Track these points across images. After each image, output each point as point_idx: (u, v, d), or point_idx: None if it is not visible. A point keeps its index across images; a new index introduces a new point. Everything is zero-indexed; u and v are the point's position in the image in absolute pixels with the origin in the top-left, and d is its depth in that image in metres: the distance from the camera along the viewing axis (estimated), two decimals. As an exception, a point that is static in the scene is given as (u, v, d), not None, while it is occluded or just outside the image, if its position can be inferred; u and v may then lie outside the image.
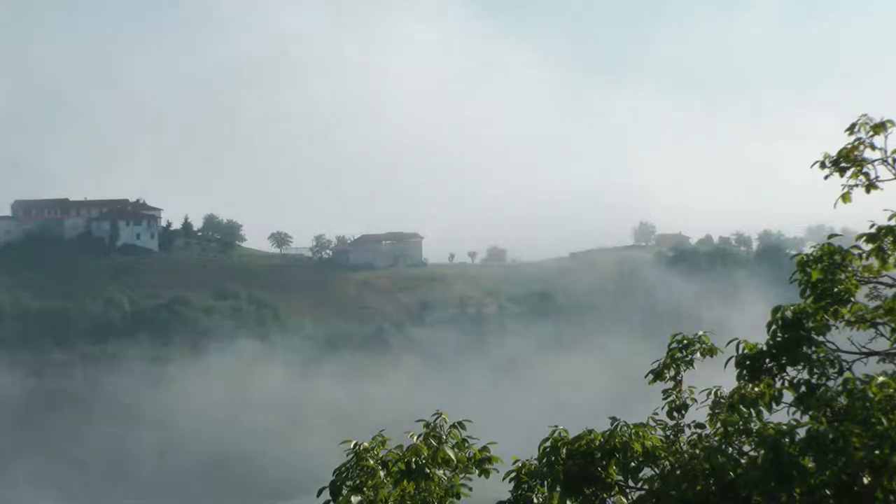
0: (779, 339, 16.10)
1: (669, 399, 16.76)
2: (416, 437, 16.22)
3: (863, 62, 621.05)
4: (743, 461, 14.19)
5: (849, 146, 16.76)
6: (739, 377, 16.18)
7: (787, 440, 13.64)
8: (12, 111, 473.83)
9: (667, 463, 15.45)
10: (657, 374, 16.95)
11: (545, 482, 15.67)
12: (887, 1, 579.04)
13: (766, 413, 15.59)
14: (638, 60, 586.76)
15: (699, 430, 16.07)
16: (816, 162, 16.90)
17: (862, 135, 16.67)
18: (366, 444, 16.20)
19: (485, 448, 16.61)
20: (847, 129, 16.73)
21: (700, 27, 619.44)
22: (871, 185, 16.81)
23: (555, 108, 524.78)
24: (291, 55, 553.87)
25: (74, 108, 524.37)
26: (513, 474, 15.94)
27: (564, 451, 15.61)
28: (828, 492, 13.46)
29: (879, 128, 16.60)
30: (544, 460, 15.68)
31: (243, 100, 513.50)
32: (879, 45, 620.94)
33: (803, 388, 15.74)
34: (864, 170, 16.78)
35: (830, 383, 15.57)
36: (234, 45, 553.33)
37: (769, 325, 16.24)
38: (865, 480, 13.40)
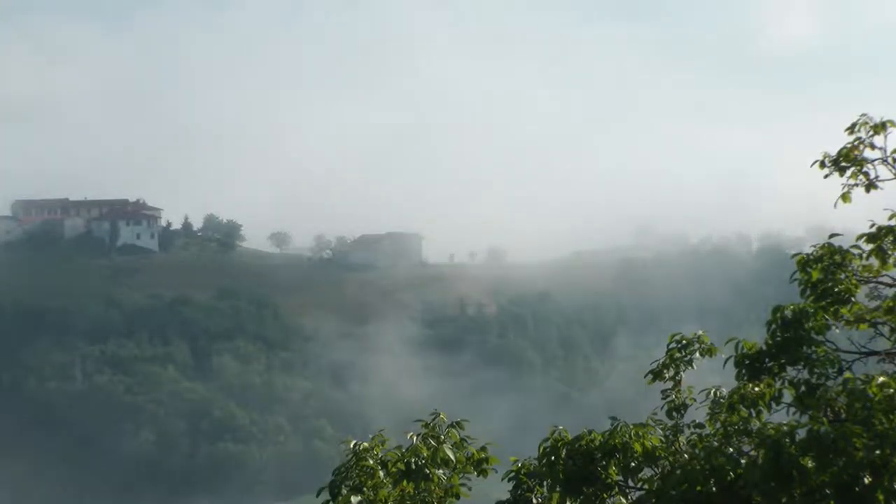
0: (778, 338, 16.07)
1: (668, 399, 16.74)
2: (415, 438, 16.20)
3: (862, 62, 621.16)
4: (743, 461, 14.16)
5: (849, 146, 16.73)
6: (739, 377, 16.15)
7: (787, 440, 13.59)
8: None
9: (666, 463, 15.42)
10: (656, 374, 16.93)
11: (545, 482, 15.63)
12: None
13: (766, 413, 15.55)
14: (640, 61, 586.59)
15: (699, 431, 16.05)
16: (816, 161, 16.88)
17: (862, 134, 16.64)
18: (365, 443, 16.18)
19: (483, 448, 16.58)
20: (847, 129, 16.70)
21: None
22: (871, 185, 16.78)
23: (554, 109, 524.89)
24: (289, 54, 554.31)
25: (70, 108, 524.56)
26: (512, 474, 15.90)
27: (564, 451, 15.58)
28: (828, 492, 13.42)
29: (879, 128, 16.57)
30: (544, 460, 15.64)
31: (243, 100, 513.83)
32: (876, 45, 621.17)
33: (803, 388, 15.71)
34: (864, 169, 16.75)
35: (830, 383, 15.54)
36: (227, 41, 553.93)
37: (769, 325, 16.21)
38: (866, 481, 13.36)
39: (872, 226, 16.57)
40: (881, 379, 14.25)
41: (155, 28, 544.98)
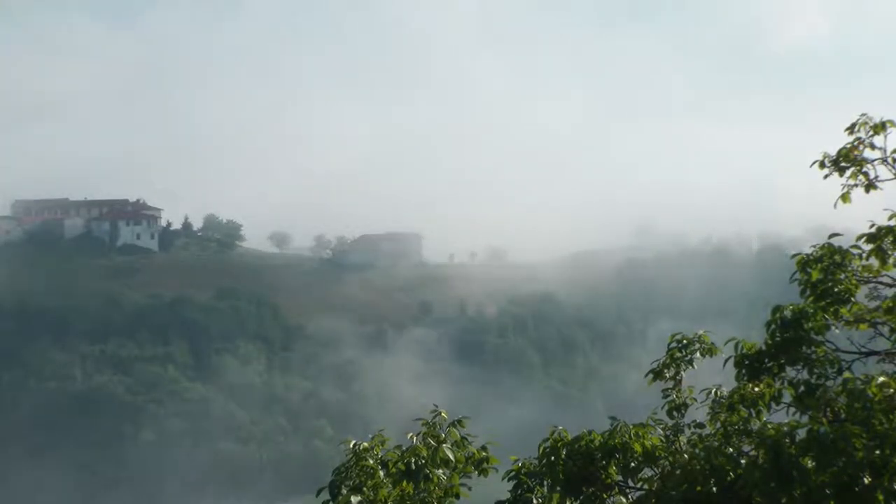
0: (778, 338, 16.08)
1: (669, 399, 16.75)
2: (415, 438, 16.19)
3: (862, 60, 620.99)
4: (743, 461, 14.16)
5: (848, 146, 16.73)
6: (739, 377, 16.16)
7: (787, 440, 13.60)
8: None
9: (666, 463, 15.42)
10: (657, 374, 16.94)
11: (545, 482, 15.63)
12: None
13: (765, 413, 15.56)
14: (639, 59, 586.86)
15: (699, 430, 16.05)
16: (816, 161, 16.88)
17: (862, 134, 16.64)
18: (365, 443, 16.18)
19: (483, 447, 16.58)
20: (847, 129, 16.70)
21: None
22: (870, 185, 16.77)
23: (554, 109, 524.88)
24: (289, 55, 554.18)
25: (70, 108, 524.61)
26: (512, 474, 15.89)
27: (564, 451, 15.58)
28: (828, 492, 13.42)
29: (879, 128, 16.56)
30: (544, 460, 15.64)
31: (243, 100, 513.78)
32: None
33: (802, 388, 15.72)
34: (864, 169, 16.74)
35: (830, 383, 15.54)
36: (227, 42, 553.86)
37: (769, 325, 16.22)
38: (866, 481, 13.35)
39: (872, 226, 16.57)
40: (881, 379, 14.24)
41: (156, 28, 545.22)
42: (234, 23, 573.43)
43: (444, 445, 16.13)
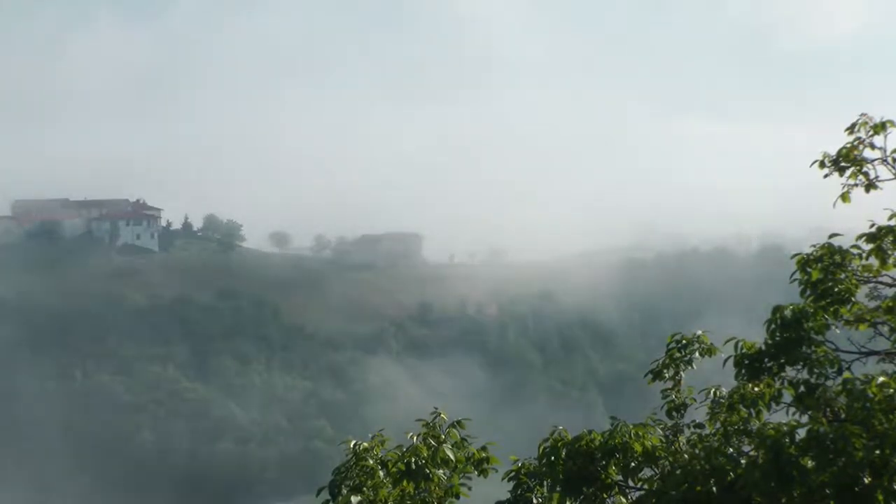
0: (778, 338, 16.06)
1: (668, 399, 16.74)
2: (415, 438, 16.19)
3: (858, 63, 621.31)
4: (743, 461, 14.15)
5: (848, 146, 16.71)
6: (738, 377, 16.15)
7: (787, 440, 13.59)
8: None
9: (666, 463, 15.41)
10: (656, 374, 16.93)
11: (545, 482, 15.62)
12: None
13: (765, 413, 15.55)
14: (639, 58, 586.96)
15: (699, 431, 16.04)
16: (816, 161, 16.87)
17: (861, 134, 16.62)
18: (365, 443, 16.17)
19: (483, 448, 16.57)
20: (847, 129, 16.68)
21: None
22: (870, 185, 16.76)
23: (554, 109, 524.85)
24: (288, 55, 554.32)
25: (71, 108, 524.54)
26: (512, 474, 15.88)
27: (564, 451, 15.57)
28: (828, 492, 13.41)
29: (879, 128, 16.55)
30: (544, 460, 15.63)
31: (243, 100, 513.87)
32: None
33: (802, 388, 15.70)
34: (864, 169, 16.73)
35: (829, 383, 15.53)
36: (229, 42, 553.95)
37: (769, 325, 16.20)
38: (866, 481, 13.34)
39: (872, 226, 16.56)
40: (881, 379, 14.24)
41: (157, 28, 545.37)
42: (233, 23, 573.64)
43: (444, 445, 16.12)
